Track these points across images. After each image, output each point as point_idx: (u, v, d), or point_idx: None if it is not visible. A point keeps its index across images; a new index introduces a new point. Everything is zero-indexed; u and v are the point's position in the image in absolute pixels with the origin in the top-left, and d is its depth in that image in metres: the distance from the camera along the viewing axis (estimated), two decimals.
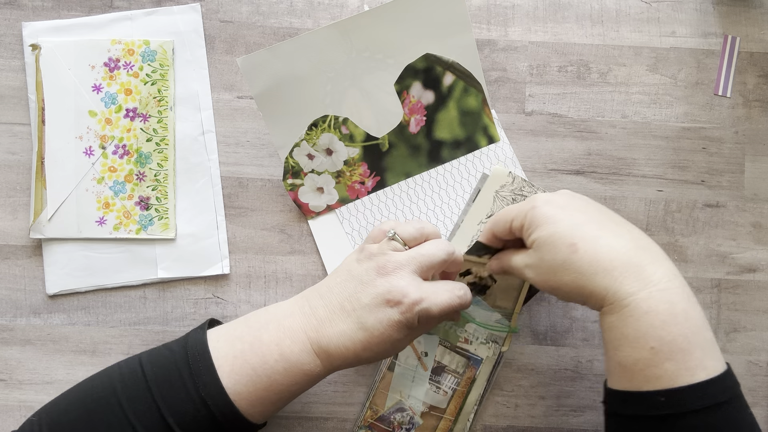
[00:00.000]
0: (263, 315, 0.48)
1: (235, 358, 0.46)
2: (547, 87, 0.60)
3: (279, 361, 0.45)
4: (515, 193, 0.52)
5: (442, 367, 0.57)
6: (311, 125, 0.58)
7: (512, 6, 0.61)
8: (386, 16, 0.57)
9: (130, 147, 0.59)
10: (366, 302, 0.45)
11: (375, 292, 0.45)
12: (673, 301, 0.41)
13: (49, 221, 0.58)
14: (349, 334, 0.45)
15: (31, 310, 0.59)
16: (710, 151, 0.61)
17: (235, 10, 0.60)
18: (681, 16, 0.61)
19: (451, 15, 0.57)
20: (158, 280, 0.59)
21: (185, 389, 0.44)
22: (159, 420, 0.44)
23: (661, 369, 0.40)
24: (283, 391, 0.46)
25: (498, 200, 0.52)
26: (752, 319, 0.60)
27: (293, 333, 0.46)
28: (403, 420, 0.56)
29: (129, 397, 0.44)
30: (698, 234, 0.60)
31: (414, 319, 0.45)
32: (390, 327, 0.45)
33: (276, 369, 0.45)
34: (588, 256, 0.42)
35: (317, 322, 0.46)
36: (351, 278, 0.47)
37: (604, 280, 0.42)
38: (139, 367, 0.46)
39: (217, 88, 0.60)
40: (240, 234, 0.59)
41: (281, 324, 0.47)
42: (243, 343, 0.46)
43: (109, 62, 0.59)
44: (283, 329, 0.46)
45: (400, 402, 0.56)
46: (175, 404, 0.44)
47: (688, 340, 0.40)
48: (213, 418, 0.44)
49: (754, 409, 0.59)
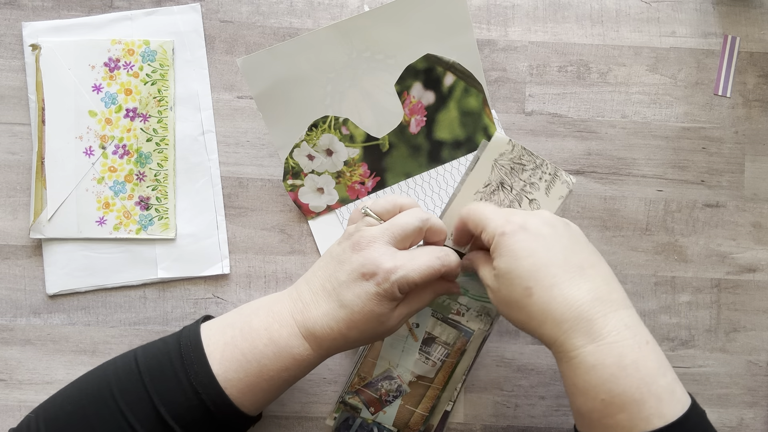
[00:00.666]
0: (255, 303, 0.49)
1: (226, 344, 0.46)
2: (547, 87, 0.60)
3: (268, 345, 0.45)
4: (514, 161, 0.49)
5: (433, 338, 0.56)
6: (311, 126, 0.58)
7: (512, 6, 0.61)
8: (387, 17, 0.57)
9: (130, 147, 0.59)
10: (343, 279, 0.45)
11: (350, 268, 0.45)
12: (622, 353, 0.40)
13: (49, 221, 0.58)
14: (332, 313, 0.45)
15: (31, 310, 0.59)
16: (710, 151, 0.61)
17: (235, 10, 0.60)
18: (681, 16, 0.61)
19: (452, 15, 0.57)
20: (158, 280, 0.59)
21: (176, 378, 0.44)
22: (151, 411, 0.44)
23: (614, 419, 0.40)
24: (274, 378, 0.46)
25: (496, 169, 0.50)
26: (752, 319, 0.60)
27: (281, 317, 0.46)
28: (391, 388, 0.56)
29: (122, 390, 0.44)
30: (698, 234, 0.60)
31: (392, 288, 0.44)
32: (369, 300, 0.44)
33: (266, 354, 0.45)
34: (540, 303, 0.42)
35: (303, 305, 0.46)
36: (331, 259, 0.47)
37: (553, 330, 0.42)
38: (134, 359, 0.46)
39: (217, 88, 0.60)
40: (240, 234, 0.59)
41: (270, 309, 0.47)
42: (233, 329, 0.46)
43: (109, 62, 0.59)
44: (272, 314, 0.46)
45: (388, 370, 0.56)
46: (166, 394, 0.44)
47: (640, 390, 0.40)
48: (205, 408, 0.44)
49: (754, 409, 0.59)
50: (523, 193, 0.50)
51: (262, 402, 0.47)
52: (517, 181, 0.50)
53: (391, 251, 0.45)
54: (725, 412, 0.59)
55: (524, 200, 0.50)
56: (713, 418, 0.59)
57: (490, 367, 0.59)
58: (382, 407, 0.56)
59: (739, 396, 0.60)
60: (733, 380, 0.60)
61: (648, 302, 0.60)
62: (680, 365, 0.60)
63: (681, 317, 0.60)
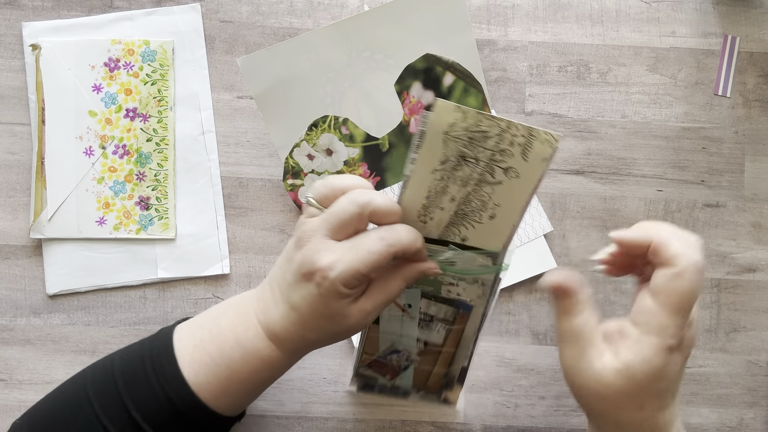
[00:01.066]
0: (225, 302, 0.47)
1: (195, 347, 0.44)
2: (547, 87, 0.60)
3: (235, 348, 0.43)
4: (470, 131, 0.40)
5: (430, 317, 0.51)
6: (311, 125, 0.58)
7: (512, 6, 0.61)
8: (386, 17, 0.57)
9: (130, 147, 0.59)
10: (290, 280, 0.42)
11: (294, 268, 0.41)
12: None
13: (49, 221, 0.58)
14: (287, 315, 0.42)
15: (31, 310, 0.59)
16: (710, 151, 0.61)
17: (235, 10, 0.60)
18: (681, 16, 0.61)
19: (451, 15, 0.57)
20: (158, 280, 0.59)
21: (148, 383, 0.43)
22: (125, 415, 0.43)
23: None
24: (244, 380, 0.44)
25: (451, 142, 0.41)
26: (752, 319, 0.60)
27: (247, 318, 0.44)
28: (400, 360, 0.53)
29: (97, 393, 0.44)
30: (698, 234, 0.60)
31: (334, 287, 0.40)
32: (314, 302, 0.41)
33: (233, 357, 0.43)
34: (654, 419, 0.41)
35: (265, 306, 0.44)
36: (283, 257, 0.44)
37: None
38: (110, 363, 0.46)
39: (217, 88, 0.60)
40: (240, 234, 0.59)
41: (237, 310, 0.45)
42: (203, 331, 0.45)
43: (109, 62, 0.59)
44: (239, 315, 0.45)
45: (392, 345, 0.53)
46: (139, 398, 0.43)
47: None
48: (178, 412, 0.43)
49: (754, 409, 0.59)
50: (493, 163, 0.41)
51: (238, 403, 0.46)
52: (482, 151, 0.41)
53: (328, 245, 0.40)
54: (725, 412, 0.59)
55: (497, 170, 0.41)
56: (713, 418, 0.59)
57: (490, 367, 0.59)
58: (398, 374, 0.54)
59: (739, 396, 0.60)
60: (733, 380, 0.60)
61: None
62: None
63: None
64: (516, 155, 0.41)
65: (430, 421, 0.59)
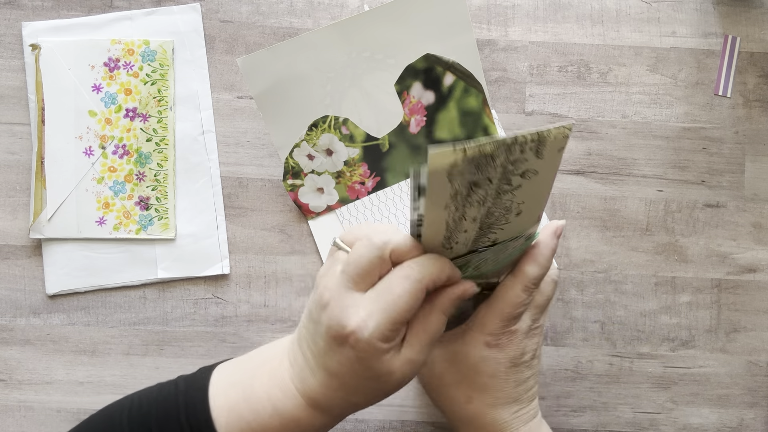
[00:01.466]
0: (259, 354, 0.43)
1: (230, 411, 0.40)
2: (547, 87, 0.60)
3: (273, 416, 0.40)
4: (475, 161, 0.36)
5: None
6: (311, 126, 0.58)
7: (512, 6, 0.61)
8: (387, 17, 0.57)
9: (130, 147, 0.59)
10: (322, 345, 0.38)
11: (322, 331, 0.38)
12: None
13: (49, 221, 0.58)
14: (327, 383, 0.39)
15: (30, 310, 0.59)
16: (710, 151, 0.61)
17: (235, 10, 0.60)
18: (681, 16, 0.61)
19: (451, 15, 0.57)
20: (158, 280, 0.59)
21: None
22: None
23: None
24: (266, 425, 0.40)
25: (457, 178, 0.36)
26: (752, 319, 0.60)
27: (283, 384, 0.40)
28: None
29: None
30: (698, 234, 0.60)
31: (371, 346, 0.36)
32: (353, 366, 0.37)
33: (272, 425, 0.40)
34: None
35: (300, 371, 0.40)
36: (307, 316, 0.40)
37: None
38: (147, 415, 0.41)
39: (217, 88, 0.60)
40: (240, 234, 0.59)
41: (272, 373, 0.41)
42: (237, 393, 0.41)
43: (109, 62, 0.59)
44: (274, 378, 0.40)
45: None
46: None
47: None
48: None
49: (754, 410, 0.59)
50: (508, 174, 0.38)
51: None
52: (493, 170, 0.37)
53: (354, 299, 0.37)
54: (725, 412, 0.59)
55: (514, 178, 0.38)
56: (713, 418, 0.59)
57: None
58: None
59: (739, 396, 0.60)
60: (734, 381, 0.60)
61: (648, 302, 0.60)
62: (680, 366, 0.60)
63: (681, 317, 0.60)
64: (530, 158, 0.38)
65: (430, 422, 0.59)
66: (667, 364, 0.60)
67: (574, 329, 0.60)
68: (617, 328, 0.60)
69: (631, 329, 0.60)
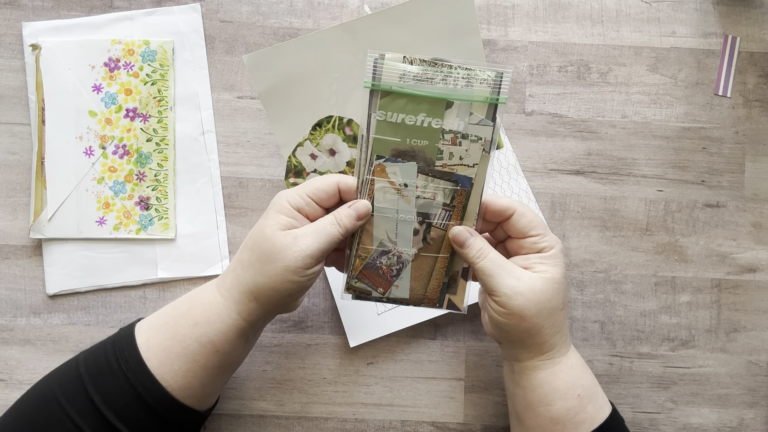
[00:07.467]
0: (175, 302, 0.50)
1: (150, 327, 0.47)
2: (547, 87, 0.60)
3: (185, 301, 0.48)
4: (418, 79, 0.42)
5: (428, 204, 0.49)
6: (315, 125, 0.58)
7: (512, 6, 0.61)
8: (394, 18, 0.57)
9: (130, 147, 0.59)
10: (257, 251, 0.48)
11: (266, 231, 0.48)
12: (578, 354, 0.50)
13: (49, 221, 0.58)
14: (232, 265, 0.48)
15: (31, 310, 0.59)
16: (710, 151, 0.61)
17: (235, 10, 0.60)
18: (681, 16, 0.61)
19: (459, 18, 0.57)
20: (158, 280, 0.59)
21: (112, 373, 0.45)
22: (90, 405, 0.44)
23: (585, 413, 0.47)
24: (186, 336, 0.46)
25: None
26: (752, 319, 0.60)
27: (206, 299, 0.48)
28: (391, 262, 0.51)
29: (65, 394, 0.45)
30: (698, 234, 0.60)
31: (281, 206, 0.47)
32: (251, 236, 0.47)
33: (180, 310, 0.47)
34: (564, 316, 0.48)
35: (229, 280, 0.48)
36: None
37: (560, 339, 0.48)
38: (75, 363, 0.47)
39: (217, 88, 0.60)
40: (240, 234, 0.59)
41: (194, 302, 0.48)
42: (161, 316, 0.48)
43: (109, 62, 0.59)
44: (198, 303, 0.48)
45: (381, 243, 0.51)
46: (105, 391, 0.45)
47: (595, 381, 0.49)
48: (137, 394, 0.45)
49: (754, 410, 0.59)
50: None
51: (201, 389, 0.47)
52: None
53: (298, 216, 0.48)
54: (725, 412, 0.59)
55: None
56: (713, 418, 0.59)
57: (490, 367, 0.59)
58: (390, 284, 0.51)
59: (739, 396, 0.60)
60: (734, 380, 0.60)
61: (648, 302, 0.60)
62: (680, 365, 0.60)
63: (681, 317, 0.60)
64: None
65: (430, 421, 0.59)
66: (667, 364, 0.60)
67: (574, 329, 0.60)
68: (617, 328, 0.60)
69: (631, 329, 0.60)
